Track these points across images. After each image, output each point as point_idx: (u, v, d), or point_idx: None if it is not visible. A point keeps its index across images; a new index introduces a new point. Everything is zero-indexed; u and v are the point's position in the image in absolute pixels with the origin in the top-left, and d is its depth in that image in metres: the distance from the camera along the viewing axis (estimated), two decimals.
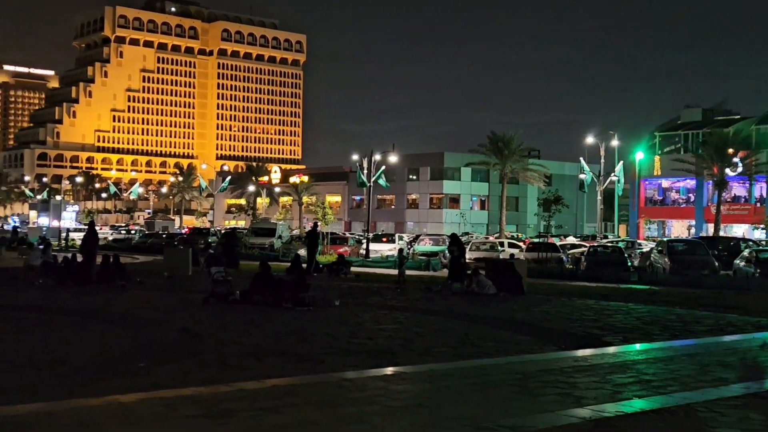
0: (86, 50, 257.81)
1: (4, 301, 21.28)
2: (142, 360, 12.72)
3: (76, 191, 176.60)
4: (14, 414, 8.81)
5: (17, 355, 13.09)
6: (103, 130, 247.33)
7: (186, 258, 34.63)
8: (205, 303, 21.49)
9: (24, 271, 32.18)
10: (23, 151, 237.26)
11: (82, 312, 19.27)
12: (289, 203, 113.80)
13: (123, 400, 9.47)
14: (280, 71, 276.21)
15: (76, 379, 11.24)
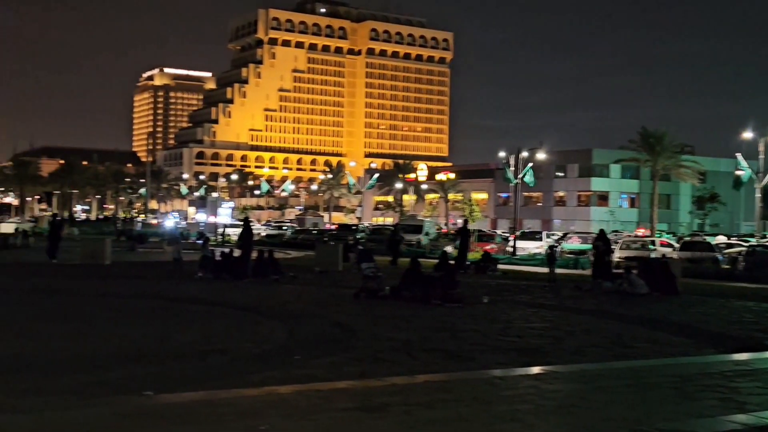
0: (241, 52, 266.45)
1: (167, 294, 22.31)
2: (298, 352, 13.07)
3: (231, 188, 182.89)
4: (179, 401, 9.25)
5: (181, 345, 13.69)
6: (257, 129, 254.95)
7: (336, 254, 35.28)
8: (356, 298, 21.86)
9: (175, 264, 33.49)
10: (182, 150, 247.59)
11: (239, 305, 19.93)
12: (435, 200, 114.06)
13: (280, 391, 9.78)
14: (427, 69, 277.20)
15: (235, 369, 11.67)
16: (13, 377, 10.60)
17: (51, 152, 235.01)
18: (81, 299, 20.67)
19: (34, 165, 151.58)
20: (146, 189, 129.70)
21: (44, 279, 26.33)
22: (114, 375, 10.96)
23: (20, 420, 8.20)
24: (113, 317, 17.26)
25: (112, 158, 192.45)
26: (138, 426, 7.94)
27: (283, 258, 37.94)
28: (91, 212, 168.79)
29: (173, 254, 31.13)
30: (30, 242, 48.45)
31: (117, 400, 9.46)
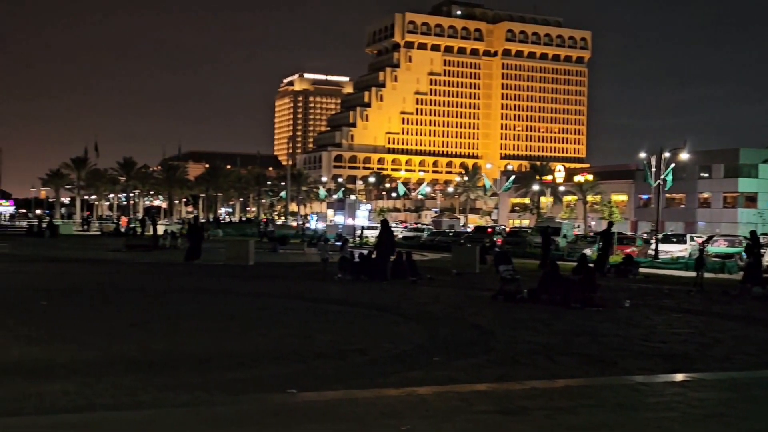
0: (378, 56, 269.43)
1: (308, 294, 22.81)
2: (437, 354, 13.11)
3: (368, 191, 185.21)
4: (321, 399, 9.45)
5: (322, 344, 13.96)
6: (393, 132, 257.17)
7: (473, 256, 35.19)
8: (494, 300, 21.76)
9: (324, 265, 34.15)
10: (321, 154, 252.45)
11: (378, 306, 20.16)
12: (573, 202, 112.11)
13: (420, 391, 9.85)
14: (564, 69, 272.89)
15: (376, 369, 11.81)
16: (164, 373, 11.06)
17: (197, 156, 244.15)
18: (227, 298, 21.37)
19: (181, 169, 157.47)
20: (287, 192, 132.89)
21: (192, 279, 27.38)
22: (259, 372, 11.29)
23: (173, 414, 8.58)
24: (257, 316, 17.78)
25: (254, 162, 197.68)
26: (283, 423, 8.16)
27: (420, 260, 38.15)
28: (235, 214, 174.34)
29: (321, 254, 31.74)
30: (178, 243, 50.41)
31: (263, 397, 9.75)
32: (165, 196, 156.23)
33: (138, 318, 16.87)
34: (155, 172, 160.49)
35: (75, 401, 9.29)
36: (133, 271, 31.35)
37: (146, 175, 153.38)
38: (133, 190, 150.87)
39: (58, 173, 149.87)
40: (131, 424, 8.00)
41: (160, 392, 9.86)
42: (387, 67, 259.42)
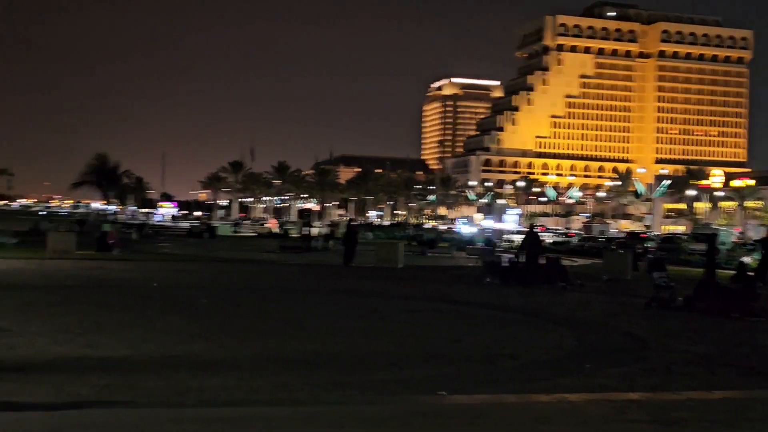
0: (527, 60, 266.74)
1: (457, 297, 22.86)
2: (587, 361, 12.90)
3: (517, 195, 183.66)
4: (471, 403, 9.48)
5: (471, 347, 13.98)
6: (543, 136, 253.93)
7: (626, 262, 34.32)
8: (647, 308, 21.17)
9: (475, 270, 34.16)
10: (470, 158, 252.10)
11: (527, 311, 20.00)
12: (731, 208, 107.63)
13: (571, 398, 9.73)
14: (723, 70, 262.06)
15: (525, 374, 11.74)
16: (316, 372, 11.35)
17: (348, 161, 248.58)
18: (377, 300, 21.68)
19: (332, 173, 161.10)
20: (435, 195, 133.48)
21: (342, 280, 27.93)
22: (409, 374, 11.42)
23: (327, 412, 8.81)
24: (407, 318, 17.96)
25: (403, 166, 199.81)
26: (433, 424, 8.25)
27: (570, 265, 37.47)
28: (384, 218, 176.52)
29: (485, 257, 31.72)
30: (330, 245, 51.50)
31: (413, 398, 9.87)
32: (317, 199, 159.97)
33: (292, 317, 17.37)
34: (308, 176, 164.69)
35: (234, 396, 9.68)
36: (286, 271, 32.30)
37: (299, 178, 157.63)
38: (286, 193, 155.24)
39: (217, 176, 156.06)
40: (287, 421, 8.27)
41: (314, 390, 10.14)
42: (537, 71, 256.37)
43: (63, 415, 8.21)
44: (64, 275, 25.77)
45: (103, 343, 13.02)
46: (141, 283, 23.97)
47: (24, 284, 22.50)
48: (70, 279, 24.37)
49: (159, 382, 10.32)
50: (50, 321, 15.19)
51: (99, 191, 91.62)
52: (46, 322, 15.02)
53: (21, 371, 10.65)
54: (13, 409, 8.46)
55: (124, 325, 15.08)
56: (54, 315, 15.97)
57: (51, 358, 11.74)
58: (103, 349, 12.50)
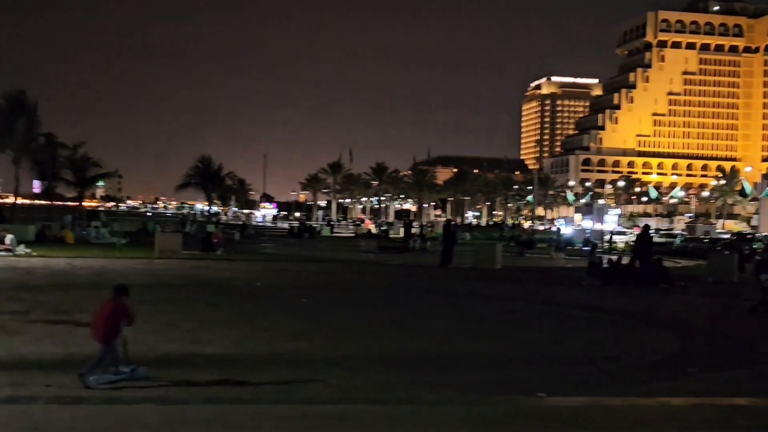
0: (628, 57, 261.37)
1: (556, 299, 22.66)
2: (691, 365, 12.66)
3: (617, 195, 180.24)
4: (571, 405, 9.45)
5: (571, 349, 13.89)
6: (644, 135, 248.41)
7: (731, 263, 33.38)
8: (754, 311, 20.56)
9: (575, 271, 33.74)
10: (568, 157, 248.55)
11: (628, 313, 19.68)
12: None
13: (674, 402, 9.59)
14: None
15: (627, 377, 11.62)
16: (416, 371, 11.48)
17: (445, 161, 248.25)
18: (475, 301, 21.70)
19: (430, 173, 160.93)
20: (533, 196, 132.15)
21: (440, 281, 27.99)
22: (508, 375, 11.45)
23: (423, 410, 8.92)
24: (506, 319, 17.93)
25: (501, 166, 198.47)
26: (531, 426, 8.27)
27: (672, 266, 36.67)
28: (482, 218, 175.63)
29: (591, 258, 31.34)
30: (427, 246, 51.62)
31: (512, 399, 9.90)
32: (414, 199, 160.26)
33: (392, 317, 17.55)
34: (405, 177, 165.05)
35: (335, 393, 9.89)
36: (385, 271, 32.54)
37: (397, 179, 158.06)
38: (384, 193, 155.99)
39: (316, 178, 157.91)
40: (387, 419, 8.40)
41: (414, 389, 10.27)
42: (638, 68, 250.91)
43: (174, 410, 8.53)
44: (171, 275, 26.59)
45: (210, 341, 13.43)
46: (244, 283, 24.53)
47: (133, 283, 23.27)
48: (178, 278, 25.11)
49: (264, 379, 10.60)
50: (159, 319, 15.71)
51: (203, 192, 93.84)
52: (155, 320, 15.55)
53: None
54: (126, 403, 8.85)
55: (229, 323, 15.50)
56: (162, 313, 16.51)
57: (160, 354, 12.19)
58: (210, 347, 12.90)
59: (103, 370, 10.13)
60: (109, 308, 10.55)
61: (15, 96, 56.84)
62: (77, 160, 68.23)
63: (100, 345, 10.30)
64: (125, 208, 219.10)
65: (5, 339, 13.07)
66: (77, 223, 52.59)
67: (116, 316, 10.45)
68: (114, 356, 10.25)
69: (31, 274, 24.66)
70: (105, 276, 25.23)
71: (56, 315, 15.87)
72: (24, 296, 18.93)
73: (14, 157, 55.61)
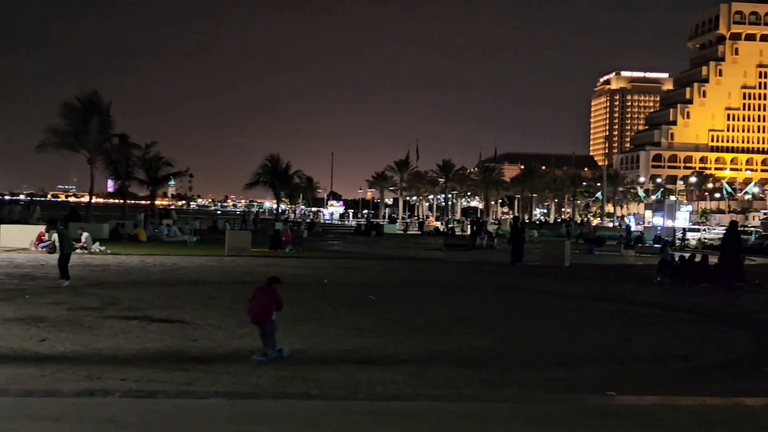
0: (700, 50, 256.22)
1: (625, 296, 22.35)
2: (766, 364, 12.38)
3: (688, 191, 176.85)
4: (641, 404, 9.32)
5: (641, 348, 13.70)
6: (717, 130, 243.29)
7: None
8: None
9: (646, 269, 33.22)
10: (638, 153, 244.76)
11: (700, 311, 19.32)
12: None
13: (749, 403, 9.40)
14: None
15: (698, 376, 11.41)
16: (483, 368, 11.44)
17: (512, 158, 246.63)
18: (544, 298, 21.55)
19: (497, 170, 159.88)
20: (602, 192, 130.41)
21: (509, 278, 27.85)
22: (578, 373, 11.34)
23: (491, 408, 8.89)
24: (575, 317, 17.74)
25: (569, 163, 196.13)
26: (600, 424, 8.18)
27: (748, 264, 35.81)
28: (550, 215, 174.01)
29: (662, 255, 30.87)
30: (495, 243, 51.37)
31: (581, 398, 9.81)
32: (481, 197, 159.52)
33: (458, 314, 17.53)
34: (472, 174, 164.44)
35: (402, 390, 9.93)
36: (452, 269, 32.50)
37: (463, 176, 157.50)
38: (451, 191, 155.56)
39: (383, 175, 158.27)
40: (454, 416, 8.40)
41: (481, 387, 10.25)
42: (710, 61, 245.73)
43: (243, 404, 8.66)
44: (240, 271, 26.97)
45: (279, 337, 13.58)
46: (312, 280, 24.72)
47: (205, 280, 23.72)
48: (247, 275, 25.41)
49: (331, 375, 10.70)
50: (229, 315, 15.95)
51: (271, 191, 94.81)
52: (225, 316, 15.80)
53: (203, 362, 11.29)
54: (198, 397, 9.01)
55: (298, 319, 15.64)
56: (232, 309, 16.72)
57: (230, 350, 12.38)
58: (279, 343, 13.05)
59: None
60: (265, 295, 12.16)
61: (89, 97, 58.05)
62: (149, 160, 69.62)
63: (259, 328, 12.03)
64: (195, 206, 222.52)
65: (82, 334, 13.42)
66: (149, 222, 53.58)
67: (270, 302, 12.03)
68: (272, 337, 11.95)
69: (106, 272, 25.24)
70: (176, 273, 25.72)
71: (130, 311, 16.24)
72: (99, 293, 19.40)
73: (89, 157, 56.82)
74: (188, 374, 10.46)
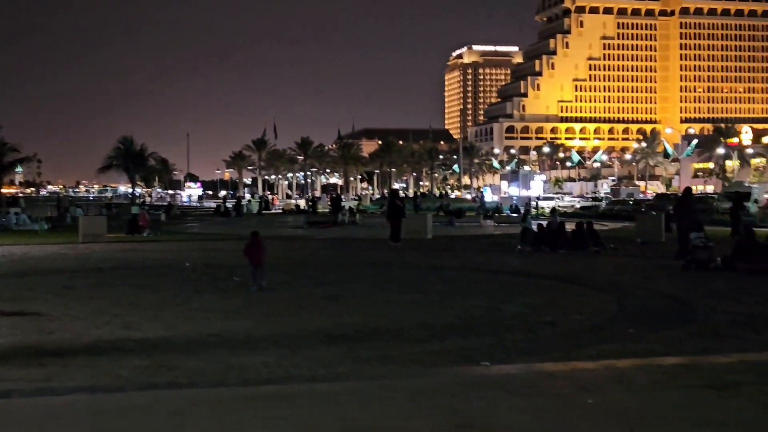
0: (548, 23, 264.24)
1: (489, 266, 22.66)
2: (631, 326, 12.66)
3: (541, 161, 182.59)
4: (516, 373, 9.30)
5: (510, 316, 13.79)
6: (566, 101, 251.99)
7: (659, 224, 33.92)
8: (685, 270, 20.86)
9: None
10: (492, 125, 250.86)
11: (563, 277, 19.73)
12: (762, 165, 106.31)
13: (619, 365, 9.53)
14: (749, 24, 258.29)
15: (568, 342, 11.53)
16: (359, 345, 11.22)
17: (370, 134, 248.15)
18: (410, 272, 21.56)
19: (355, 146, 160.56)
20: (459, 165, 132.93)
21: (373, 253, 27.79)
22: (450, 345, 11.26)
23: (368, 386, 8.66)
24: (442, 289, 17.75)
25: (426, 137, 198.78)
26: (478, 396, 8.08)
27: (600, 229, 37.07)
28: (409, 189, 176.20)
29: (525, 225, 31.44)
30: (356, 219, 51.44)
31: (456, 370, 9.72)
32: (341, 173, 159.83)
33: (327, 291, 17.26)
34: (331, 151, 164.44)
35: (275, 373, 9.57)
36: (315, 246, 32.22)
37: (322, 153, 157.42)
38: (310, 168, 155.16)
39: (240, 155, 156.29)
40: (330, 396, 8.13)
41: (356, 364, 10.01)
42: (558, 34, 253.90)
43: (106, 399, 8.13)
44: (97, 258, 25.87)
45: (141, 325, 12.98)
46: (173, 264, 23.98)
47: (59, 269, 22.57)
48: (104, 262, 24.42)
49: (199, 361, 10.24)
50: (87, 304, 15.18)
51: (125, 174, 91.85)
52: (83, 306, 15.00)
53: (61, 355, 10.61)
54: (56, 394, 8.40)
55: (160, 305, 15.04)
56: (91, 298, 15.97)
57: (90, 341, 11.70)
58: (142, 331, 12.46)
59: None
60: (257, 245, 17.74)
61: None
62: None
63: (255, 268, 17.51)
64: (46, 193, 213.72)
65: None
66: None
67: (261, 250, 17.67)
68: (264, 275, 17.41)
69: None
70: (27, 263, 24.42)
71: None
72: None
73: None
74: (45, 370, 9.76)
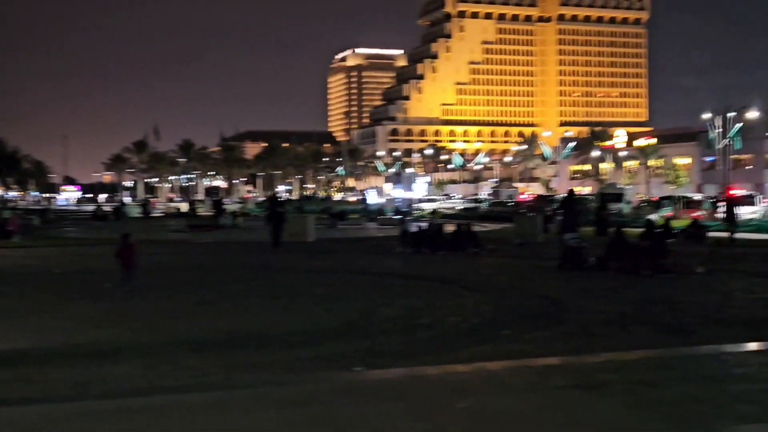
0: (430, 27, 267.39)
1: (369, 268, 22.53)
2: (506, 327, 12.71)
3: (425, 163, 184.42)
4: (389, 377, 9.16)
5: (387, 319, 13.66)
6: (449, 104, 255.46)
7: (536, 225, 34.59)
8: (560, 270, 21.24)
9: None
10: (376, 128, 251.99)
11: (441, 278, 19.78)
12: (635, 167, 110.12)
13: (491, 367, 9.50)
14: (622, 31, 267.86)
15: (443, 344, 11.47)
16: (229, 353, 10.90)
17: (254, 136, 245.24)
18: (289, 275, 21.23)
19: (239, 149, 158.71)
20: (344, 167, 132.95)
21: (253, 257, 27.34)
22: (324, 350, 11.04)
23: (238, 396, 8.35)
24: (320, 292, 17.50)
25: (310, 139, 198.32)
26: (351, 402, 7.89)
27: (480, 230, 37.58)
28: (293, 192, 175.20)
29: (404, 227, 31.40)
30: (239, 222, 50.69)
31: (329, 375, 9.50)
32: (224, 176, 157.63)
33: (202, 297, 16.79)
34: (214, 153, 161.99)
35: (139, 384, 9.15)
36: (196, 250, 31.48)
37: (205, 156, 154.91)
38: (193, 171, 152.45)
39: (120, 157, 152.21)
40: (198, 407, 7.79)
41: (226, 373, 9.67)
42: (440, 38, 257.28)
43: None
44: None
45: (4, 335, 12.30)
46: (42, 270, 23.02)
47: None
48: None
49: (59, 374, 9.70)
50: None
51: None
52: None
53: None
54: None
55: (24, 314, 14.33)
56: None
57: None
58: (2, 342, 11.77)
59: None
60: (131, 247, 18.06)
61: None
62: None
63: (126, 271, 17.76)
64: None
65: None
66: None
67: (134, 253, 18.09)
68: (135, 278, 17.76)
69: None
70: None
71: None
72: None
73: None
74: None
